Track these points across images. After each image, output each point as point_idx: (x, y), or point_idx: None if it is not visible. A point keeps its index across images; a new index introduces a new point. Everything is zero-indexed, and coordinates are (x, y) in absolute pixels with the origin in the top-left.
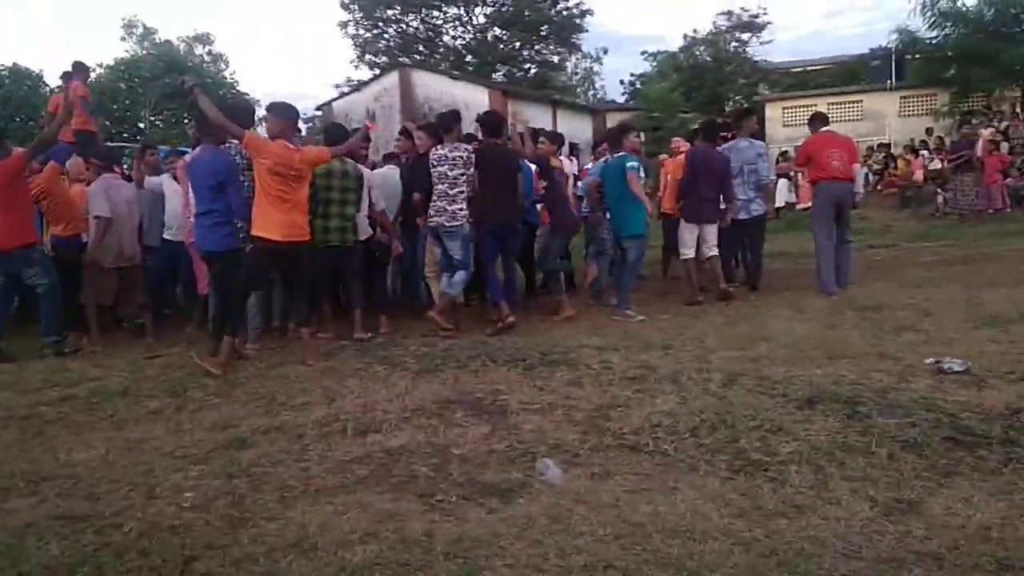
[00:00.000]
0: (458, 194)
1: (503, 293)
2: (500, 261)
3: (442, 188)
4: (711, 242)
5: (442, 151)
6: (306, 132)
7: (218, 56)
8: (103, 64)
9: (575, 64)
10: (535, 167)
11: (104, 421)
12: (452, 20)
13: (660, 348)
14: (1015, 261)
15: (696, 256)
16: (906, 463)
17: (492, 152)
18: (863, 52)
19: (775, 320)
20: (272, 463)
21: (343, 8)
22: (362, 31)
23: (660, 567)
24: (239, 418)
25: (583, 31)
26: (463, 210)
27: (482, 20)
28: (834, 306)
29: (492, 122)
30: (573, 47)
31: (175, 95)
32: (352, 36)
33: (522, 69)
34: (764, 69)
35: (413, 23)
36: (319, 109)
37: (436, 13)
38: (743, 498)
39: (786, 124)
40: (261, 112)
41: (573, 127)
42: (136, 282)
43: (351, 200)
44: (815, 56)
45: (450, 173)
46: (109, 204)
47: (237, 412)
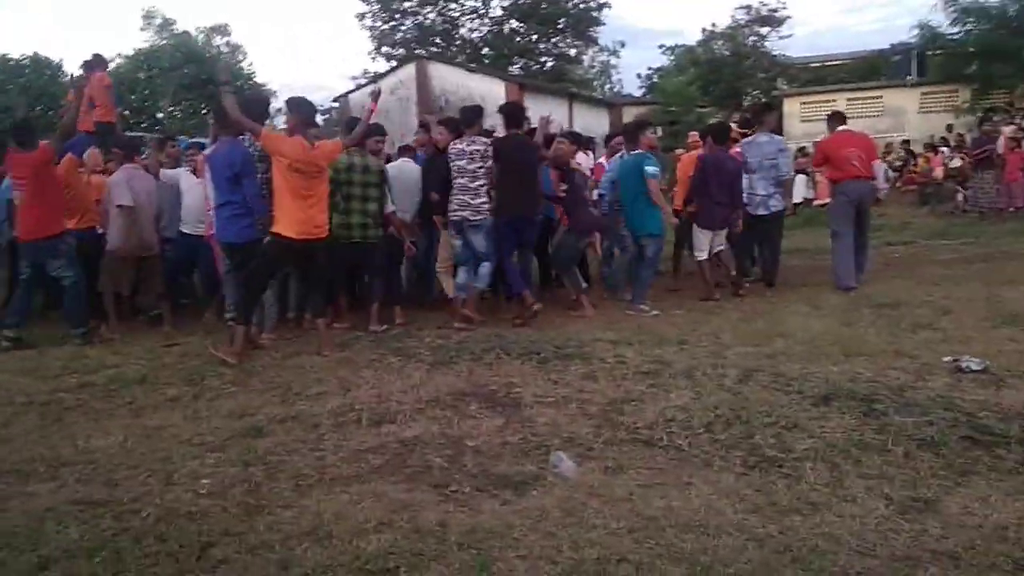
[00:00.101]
0: (480, 187)
1: (521, 282)
2: (516, 253)
3: (462, 182)
4: (720, 238)
5: (460, 145)
6: (323, 124)
7: (235, 47)
8: (122, 54)
9: (592, 57)
10: (556, 169)
11: (122, 408)
12: (469, 12)
13: (675, 343)
14: None
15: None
16: (923, 461)
17: (511, 143)
18: (883, 48)
19: (791, 316)
20: (288, 452)
21: (362, 0)
22: (379, 23)
23: (673, 561)
24: (255, 407)
25: (600, 24)
26: (486, 203)
27: (499, 12)
28: (851, 303)
29: (514, 113)
30: (590, 40)
31: (192, 86)
32: (369, 28)
33: (539, 62)
34: (782, 64)
35: (430, 15)
36: (336, 101)
37: (453, 5)
38: (757, 494)
39: (804, 119)
40: (278, 104)
41: (589, 121)
42: (155, 271)
43: (373, 196)
44: (833, 51)
45: (469, 167)
46: (132, 194)
47: (253, 401)
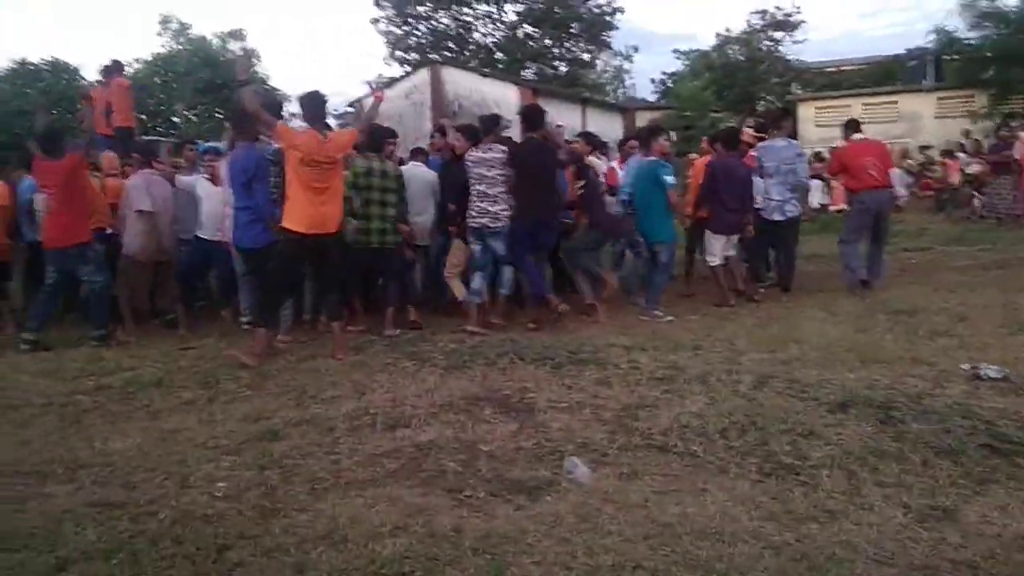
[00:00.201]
0: (499, 194)
1: (543, 285)
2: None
3: (481, 189)
4: (732, 244)
5: (478, 152)
6: (337, 128)
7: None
8: (139, 59)
9: (605, 62)
10: (571, 167)
11: (139, 411)
12: (482, 17)
13: (689, 349)
14: None
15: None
16: (941, 470)
17: (528, 148)
18: (898, 52)
19: (807, 322)
20: (303, 455)
21: (376, 5)
22: (393, 28)
23: (689, 568)
24: (271, 410)
25: (614, 29)
26: (505, 210)
27: (512, 17)
28: (867, 309)
29: (532, 115)
30: (603, 45)
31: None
32: (384, 33)
33: (552, 67)
34: (797, 68)
35: (444, 20)
36: (351, 106)
37: (466, 10)
38: (774, 501)
39: (819, 124)
40: (292, 107)
41: (603, 125)
42: (170, 275)
43: (391, 201)
44: (848, 57)
45: (487, 174)
46: (150, 199)
47: (269, 404)
